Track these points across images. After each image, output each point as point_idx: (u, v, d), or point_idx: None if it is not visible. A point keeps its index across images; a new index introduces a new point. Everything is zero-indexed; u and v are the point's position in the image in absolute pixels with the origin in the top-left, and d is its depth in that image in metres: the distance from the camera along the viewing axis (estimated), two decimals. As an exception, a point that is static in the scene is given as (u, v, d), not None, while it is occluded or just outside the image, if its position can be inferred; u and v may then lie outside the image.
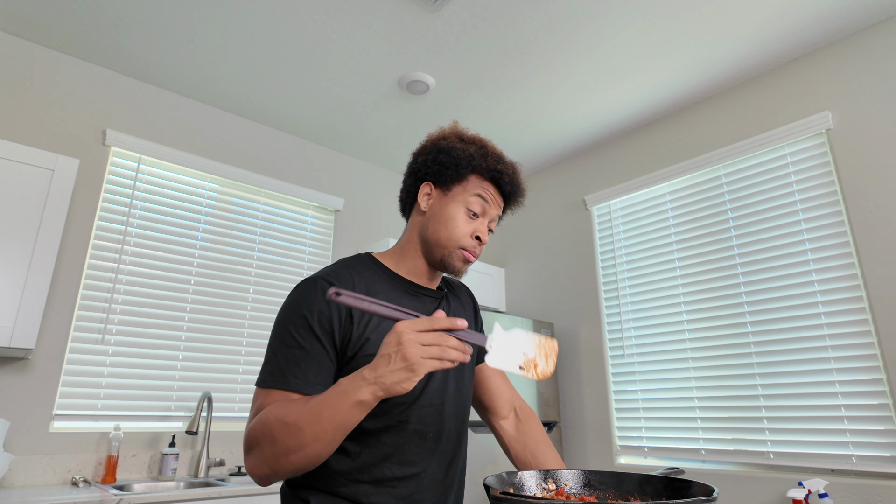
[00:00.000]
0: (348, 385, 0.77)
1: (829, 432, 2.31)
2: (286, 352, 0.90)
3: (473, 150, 1.03)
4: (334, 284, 0.93)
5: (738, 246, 2.75)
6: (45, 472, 2.22)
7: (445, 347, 0.75)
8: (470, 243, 1.01)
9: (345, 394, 0.77)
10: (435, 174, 1.03)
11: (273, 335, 0.93)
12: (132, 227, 2.68)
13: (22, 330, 2.03)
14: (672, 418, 2.84)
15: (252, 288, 3.02)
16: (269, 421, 0.82)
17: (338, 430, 0.78)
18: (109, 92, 2.75)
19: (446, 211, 1.01)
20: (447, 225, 1.00)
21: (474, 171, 1.02)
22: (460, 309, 1.14)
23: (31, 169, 2.17)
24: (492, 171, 1.02)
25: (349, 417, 0.77)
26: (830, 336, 2.37)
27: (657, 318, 3.02)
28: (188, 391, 2.68)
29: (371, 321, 0.94)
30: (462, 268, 1.02)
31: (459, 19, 2.40)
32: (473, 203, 1.01)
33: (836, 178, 2.47)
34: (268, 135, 3.30)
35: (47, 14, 2.38)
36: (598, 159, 3.55)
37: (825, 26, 2.48)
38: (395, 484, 0.94)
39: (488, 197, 1.02)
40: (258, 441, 0.82)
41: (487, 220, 1.03)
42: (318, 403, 0.79)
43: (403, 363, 0.74)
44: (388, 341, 0.76)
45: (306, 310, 0.91)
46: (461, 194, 1.02)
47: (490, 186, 1.03)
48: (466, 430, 1.08)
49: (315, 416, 0.78)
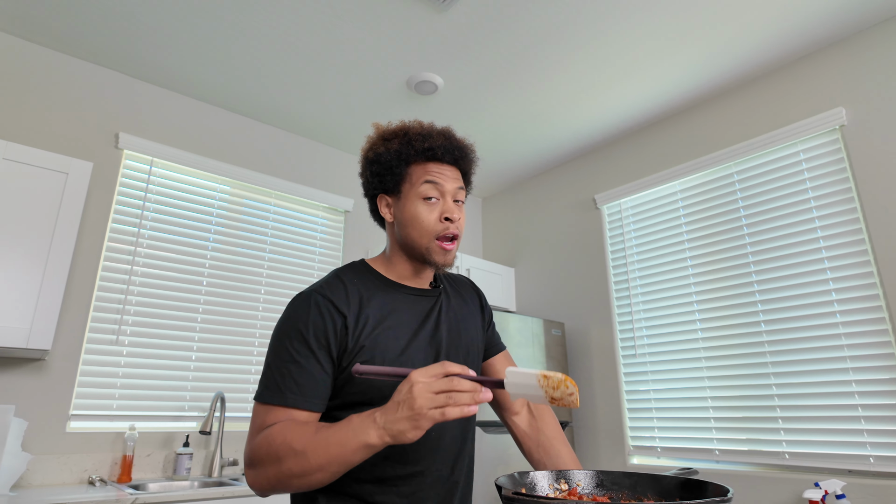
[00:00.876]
0: (359, 425, 0.78)
1: (846, 432, 2.28)
2: (282, 366, 0.90)
3: (397, 144, 1.02)
4: (328, 297, 0.95)
5: (750, 244, 2.72)
6: (63, 471, 2.25)
7: (455, 393, 0.74)
8: (441, 227, 1.00)
9: (354, 433, 0.78)
10: (381, 186, 1.04)
11: (269, 350, 0.94)
12: (145, 228, 2.71)
13: (38, 331, 2.06)
14: (685, 418, 2.82)
15: (263, 289, 3.04)
16: (275, 443, 0.83)
17: (343, 466, 0.79)
18: (122, 95, 2.78)
19: (406, 212, 1.01)
20: (413, 223, 1.00)
21: (408, 163, 1.02)
22: (463, 305, 1.13)
23: (46, 172, 2.20)
24: (423, 153, 1.01)
25: (355, 456, 0.78)
26: (846, 335, 2.34)
27: (669, 317, 2.99)
28: (201, 391, 2.70)
29: (365, 329, 0.95)
30: (444, 259, 1.01)
31: (467, 19, 2.40)
32: (425, 191, 1.00)
33: (851, 174, 2.44)
34: (278, 136, 3.32)
35: (62, 19, 2.41)
36: (607, 158, 3.53)
37: (838, 21, 2.45)
38: (398, 482, 0.94)
39: (435, 177, 1.00)
40: (262, 460, 0.84)
41: (449, 196, 1.01)
42: (327, 436, 0.80)
43: (409, 412, 0.74)
44: (401, 388, 0.77)
45: (301, 324, 0.92)
46: (411, 190, 1.01)
47: (432, 165, 1.01)
48: (473, 428, 1.07)
49: (323, 449, 0.79)
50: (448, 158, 1.02)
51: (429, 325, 1.03)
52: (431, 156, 1.01)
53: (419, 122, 1.06)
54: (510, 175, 4.00)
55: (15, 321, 2.02)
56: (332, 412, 0.94)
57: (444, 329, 1.04)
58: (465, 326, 1.10)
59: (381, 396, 0.92)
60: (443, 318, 1.06)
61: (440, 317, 1.05)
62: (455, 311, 1.10)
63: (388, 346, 0.95)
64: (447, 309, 1.08)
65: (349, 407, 0.93)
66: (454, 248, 1.02)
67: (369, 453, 0.78)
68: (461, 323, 1.09)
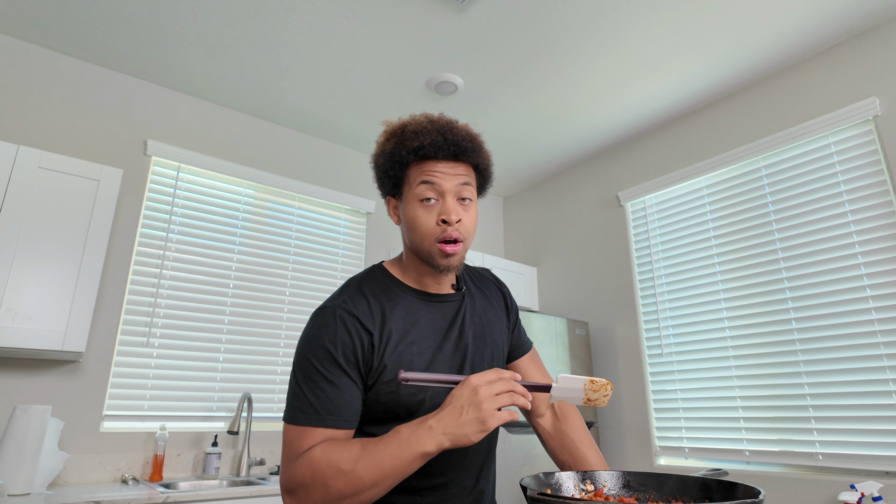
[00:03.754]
0: (411, 435, 0.78)
1: (882, 433, 2.21)
2: (314, 387, 0.87)
3: (392, 145, 0.96)
4: (353, 314, 0.91)
5: (780, 240, 2.65)
6: (97, 470, 2.31)
7: (514, 394, 0.78)
8: (438, 230, 0.92)
9: (408, 444, 0.77)
10: (385, 189, 1.01)
11: (297, 369, 0.90)
12: (173, 233, 2.77)
13: (73, 334, 2.12)
14: (714, 418, 2.77)
15: (289, 290, 3.08)
16: (320, 466, 0.80)
17: (397, 478, 0.78)
18: (149, 103, 2.85)
19: (408, 215, 0.96)
20: (413, 227, 0.94)
21: (403, 164, 0.96)
22: (486, 305, 1.08)
23: (78, 180, 2.26)
24: (415, 152, 0.93)
25: (411, 467, 0.78)
26: (882, 332, 2.27)
27: (696, 315, 2.94)
28: (229, 392, 2.75)
29: (388, 345, 0.92)
30: (446, 263, 0.93)
31: (486, 18, 2.40)
32: (422, 192, 0.93)
33: (885, 166, 2.36)
34: (300, 140, 3.37)
35: (92, 31, 2.48)
36: (631, 154, 3.48)
37: (869, 8, 2.37)
38: (423, 493, 0.93)
39: (431, 177, 0.92)
40: (306, 485, 0.81)
41: (449, 196, 0.93)
42: (377, 452, 0.78)
43: (477, 414, 0.75)
44: (460, 394, 0.78)
45: (329, 342, 0.89)
46: (409, 192, 0.95)
47: (428, 164, 0.93)
48: (497, 437, 1.06)
49: (375, 465, 0.78)
50: (443, 155, 0.93)
51: (453, 334, 0.99)
52: (424, 154, 0.93)
53: (424, 117, 0.97)
54: (531, 173, 3.98)
55: (51, 324, 2.08)
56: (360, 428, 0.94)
57: (469, 335, 1.01)
58: (490, 330, 1.06)
59: (408, 412, 0.92)
60: (467, 324, 1.02)
61: (464, 323, 1.01)
62: (480, 314, 1.05)
63: (412, 362, 0.93)
64: (471, 313, 1.04)
65: (374, 423, 0.93)
66: (458, 251, 0.93)
67: (425, 461, 0.78)
68: (486, 327, 1.05)
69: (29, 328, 2.03)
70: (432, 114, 1.00)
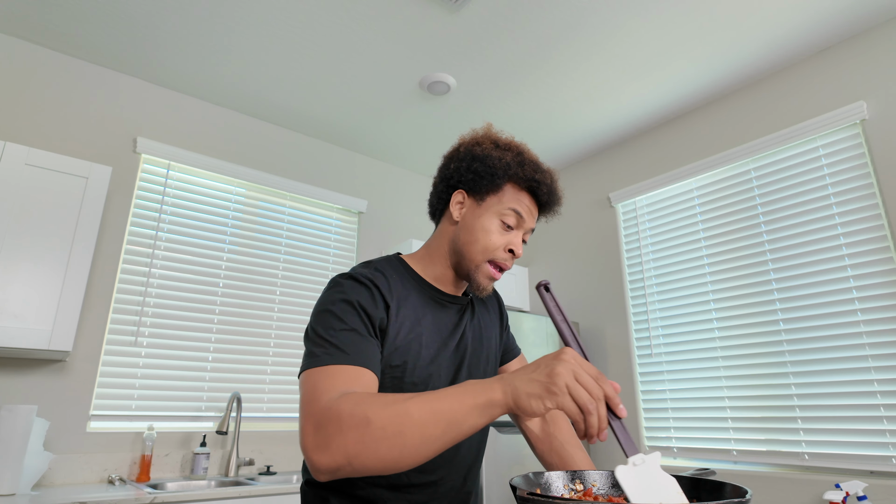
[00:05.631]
0: (479, 384, 0.69)
1: (867, 433, 2.24)
2: (338, 334, 0.82)
3: (510, 157, 0.98)
4: (376, 284, 0.91)
5: (768, 242, 2.68)
6: (84, 470, 2.29)
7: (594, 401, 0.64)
8: (502, 256, 0.97)
9: (474, 390, 0.68)
10: (469, 183, 0.99)
11: (315, 324, 0.86)
12: (162, 231, 2.74)
13: (60, 333, 2.10)
14: (702, 418, 2.79)
15: (279, 290, 3.06)
16: (361, 400, 0.70)
17: (449, 430, 0.67)
18: (139, 100, 2.82)
19: (480, 222, 0.97)
20: (481, 237, 0.96)
21: (510, 180, 0.97)
22: (486, 314, 1.12)
23: (67, 177, 2.24)
24: (529, 181, 0.97)
25: (470, 417, 0.67)
26: (868, 333, 2.30)
27: (685, 315, 2.96)
28: (218, 392, 2.73)
29: (402, 330, 0.91)
30: (487, 286, 0.98)
31: (480, 19, 2.40)
32: (508, 216, 0.97)
33: (872, 170, 2.39)
34: (292, 139, 3.35)
35: (81, 27, 2.46)
36: (622, 156, 3.50)
37: (859, 13, 2.40)
38: (412, 490, 0.93)
39: (523, 210, 0.97)
40: (340, 421, 0.68)
41: (522, 232, 0.99)
42: (436, 394, 0.69)
43: (547, 379, 0.65)
44: (547, 356, 0.69)
45: (353, 298, 0.87)
46: (496, 205, 0.97)
47: (526, 197, 0.98)
48: (486, 438, 1.07)
49: (430, 403, 0.67)
50: (543, 199, 1.00)
51: (457, 335, 1.02)
52: (533, 188, 0.98)
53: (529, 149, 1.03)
54: (523, 174, 3.99)
55: (37, 323, 2.06)
56: None
57: (469, 338, 1.04)
58: (487, 335, 1.09)
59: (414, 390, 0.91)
60: (468, 328, 1.05)
61: (466, 326, 1.04)
62: (479, 319, 1.09)
63: (420, 353, 0.94)
64: (472, 318, 1.07)
65: None
66: (498, 279, 1.00)
67: (487, 417, 0.67)
68: (483, 331, 1.09)
69: (15, 327, 2.01)
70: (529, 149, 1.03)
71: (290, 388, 2.98)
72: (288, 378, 2.98)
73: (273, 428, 2.86)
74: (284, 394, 2.95)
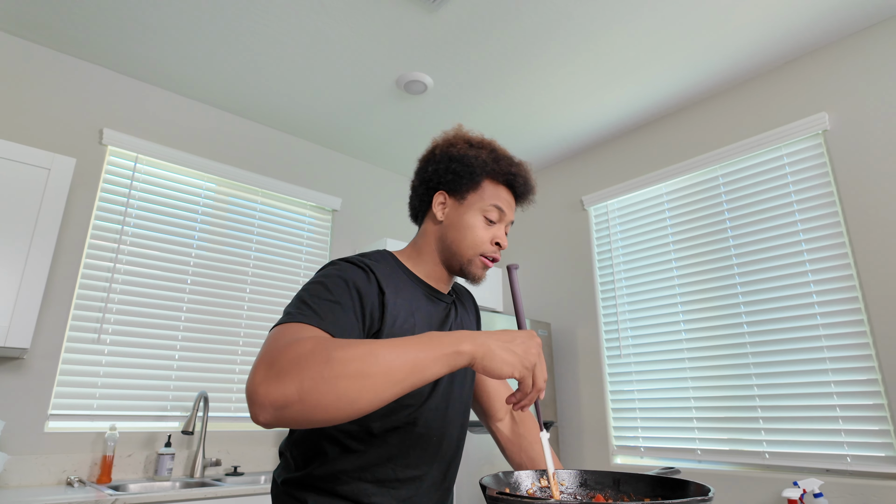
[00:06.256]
0: (444, 334, 0.71)
1: (824, 432, 2.32)
2: (321, 302, 0.82)
3: (485, 155, 1.03)
4: (371, 269, 0.93)
5: (734, 246, 2.75)
6: (41, 472, 2.21)
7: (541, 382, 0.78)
8: (490, 249, 1.02)
9: (440, 340, 0.70)
10: (449, 183, 1.03)
11: (303, 291, 0.85)
12: (129, 226, 2.67)
13: (17, 329, 2.02)
14: (668, 418, 2.85)
15: (249, 288, 3.01)
16: (323, 340, 0.68)
17: (411, 374, 0.67)
18: (106, 91, 2.74)
19: (464, 220, 1.01)
20: (468, 234, 1.01)
21: (488, 176, 1.03)
22: (465, 314, 1.15)
23: (28, 168, 2.16)
24: (506, 176, 1.03)
25: (435, 365, 0.68)
26: (826, 336, 2.38)
27: (654, 318, 3.02)
28: (184, 391, 2.67)
29: (398, 321, 0.93)
30: (482, 274, 1.03)
31: (457, 19, 2.40)
32: (490, 212, 1.01)
33: (833, 178, 2.48)
34: (265, 134, 3.30)
35: (45, 13, 2.37)
36: (595, 160, 3.55)
37: (822, 27, 2.49)
38: (397, 485, 0.94)
39: (503, 204, 1.03)
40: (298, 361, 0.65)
41: (504, 224, 1.04)
42: (402, 340, 0.69)
43: (523, 353, 0.75)
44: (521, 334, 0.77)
45: (349, 277, 0.89)
46: (477, 202, 1.02)
47: (504, 191, 1.04)
48: (465, 435, 1.09)
49: (396, 347, 0.67)
50: (520, 190, 1.05)
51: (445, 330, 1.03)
52: (510, 181, 1.03)
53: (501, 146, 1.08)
54: (498, 176, 4.01)
55: (-7, 319, 1.98)
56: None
57: None
58: None
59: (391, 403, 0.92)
60: (454, 326, 1.08)
61: (452, 324, 1.08)
62: (461, 318, 1.12)
63: None
64: (456, 317, 1.10)
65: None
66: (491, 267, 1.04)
67: (448, 367, 0.69)
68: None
69: (-32, 322, 1.93)
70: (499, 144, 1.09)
71: (260, 388, 2.93)
72: (257, 377, 2.93)
73: (241, 428, 2.81)
74: (253, 393, 2.90)
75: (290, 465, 0.98)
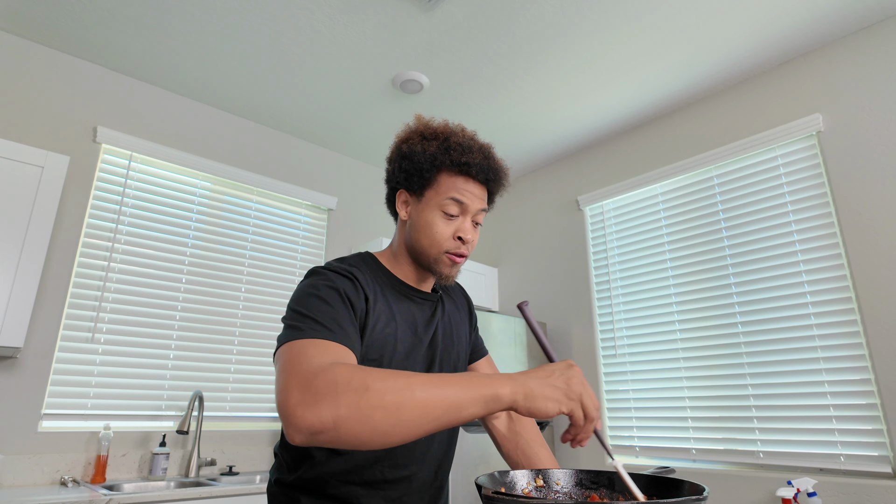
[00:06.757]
0: (488, 376, 0.70)
1: (818, 432, 2.33)
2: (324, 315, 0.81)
3: (435, 148, 0.97)
4: (354, 275, 0.92)
5: (729, 247, 2.76)
6: (34, 471, 2.20)
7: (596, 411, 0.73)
8: (453, 245, 0.97)
9: (480, 380, 0.69)
10: (404, 182, 0.99)
11: (298, 304, 0.83)
12: (123, 224, 2.66)
13: (10, 328, 2.01)
14: (663, 418, 2.86)
15: (244, 287, 3.00)
16: (360, 369, 0.68)
17: (447, 413, 0.66)
18: (101, 89, 2.73)
19: (423, 218, 0.97)
20: (426, 232, 0.97)
21: (441, 169, 0.97)
22: (455, 311, 1.14)
23: (21, 166, 2.15)
24: (459, 166, 0.96)
25: (472, 406, 0.67)
26: (820, 336, 2.39)
27: (649, 318, 3.03)
28: (179, 390, 2.66)
29: (377, 325, 0.92)
30: (450, 272, 0.99)
31: (453, 19, 2.40)
32: (448, 206, 0.96)
33: (826, 179, 2.49)
34: (261, 133, 3.29)
35: (39, 10, 2.36)
36: (591, 160, 3.56)
37: (816, 29, 2.50)
38: (385, 486, 0.94)
39: (462, 196, 0.96)
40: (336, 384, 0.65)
41: (469, 216, 0.98)
42: (443, 376, 0.69)
43: (565, 386, 0.70)
44: (558, 366, 0.74)
45: (336, 284, 0.87)
46: (434, 198, 0.97)
47: (462, 181, 0.97)
48: (457, 433, 1.08)
49: (436, 384, 0.67)
50: (481, 178, 0.97)
51: (430, 330, 1.03)
52: (465, 171, 0.96)
53: (462, 129, 1.00)
54: (494, 175, 4.01)
55: (-14, 318, 1.97)
56: None
57: (440, 334, 1.05)
58: (458, 332, 1.11)
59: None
60: (440, 325, 1.06)
61: (438, 322, 1.06)
62: (449, 316, 1.10)
63: (395, 348, 0.94)
64: (443, 315, 1.08)
65: None
66: (461, 264, 0.99)
67: (487, 409, 0.68)
68: (454, 328, 1.10)
69: (-39, 321, 1.91)
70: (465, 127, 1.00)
71: (254, 387, 2.92)
72: (252, 377, 2.92)
73: (236, 427, 2.81)
74: (248, 393, 2.89)
75: (282, 466, 0.98)
